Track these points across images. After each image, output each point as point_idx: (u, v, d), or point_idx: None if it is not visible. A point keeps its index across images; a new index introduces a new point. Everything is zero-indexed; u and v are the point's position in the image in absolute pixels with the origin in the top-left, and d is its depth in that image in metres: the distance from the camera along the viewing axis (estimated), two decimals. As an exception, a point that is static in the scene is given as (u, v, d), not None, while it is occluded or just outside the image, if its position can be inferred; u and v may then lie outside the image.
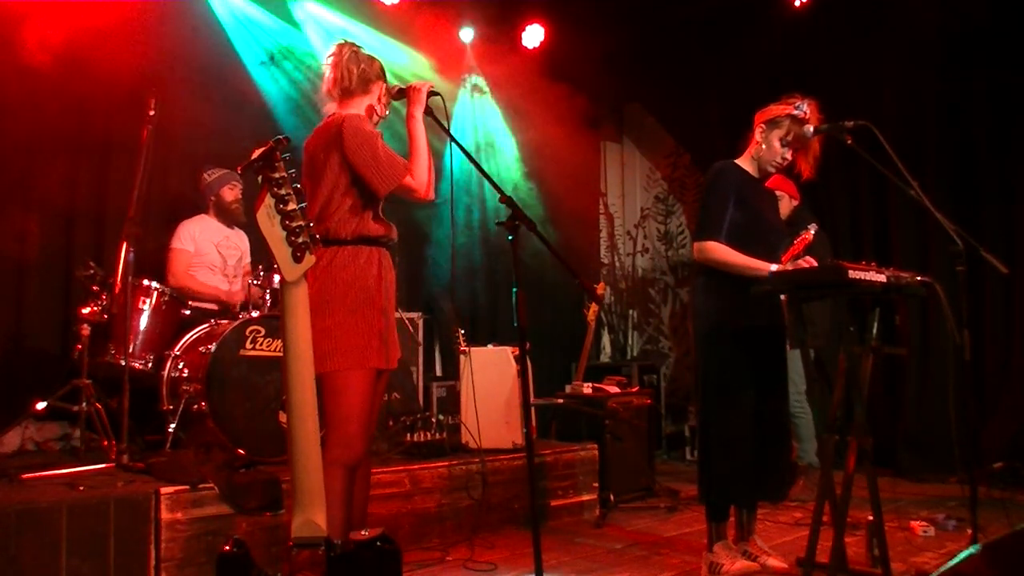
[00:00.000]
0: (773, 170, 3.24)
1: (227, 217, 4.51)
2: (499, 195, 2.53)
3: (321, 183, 2.62)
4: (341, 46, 2.78)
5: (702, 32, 6.53)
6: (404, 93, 2.74)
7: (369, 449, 2.68)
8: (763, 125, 3.20)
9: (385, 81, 2.81)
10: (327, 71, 2.77)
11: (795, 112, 3.12)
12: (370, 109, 2.75)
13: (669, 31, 6.63)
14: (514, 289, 2.53)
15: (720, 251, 3.09)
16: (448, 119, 2.72)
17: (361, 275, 2.59)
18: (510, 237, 2.53)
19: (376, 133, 2.64)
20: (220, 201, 4.48)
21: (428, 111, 2.72)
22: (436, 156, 2.80)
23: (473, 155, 2.88)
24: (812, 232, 3.50)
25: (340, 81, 2.73)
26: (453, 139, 2.66)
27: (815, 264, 2.93)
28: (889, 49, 5.59)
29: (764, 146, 3.20)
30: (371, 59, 2.78)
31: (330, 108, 2.80)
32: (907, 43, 5.49)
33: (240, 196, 4.52)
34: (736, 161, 3.27)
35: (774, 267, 2.99)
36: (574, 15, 6.22)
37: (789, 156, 3.19)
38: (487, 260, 6.51)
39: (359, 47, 2.79)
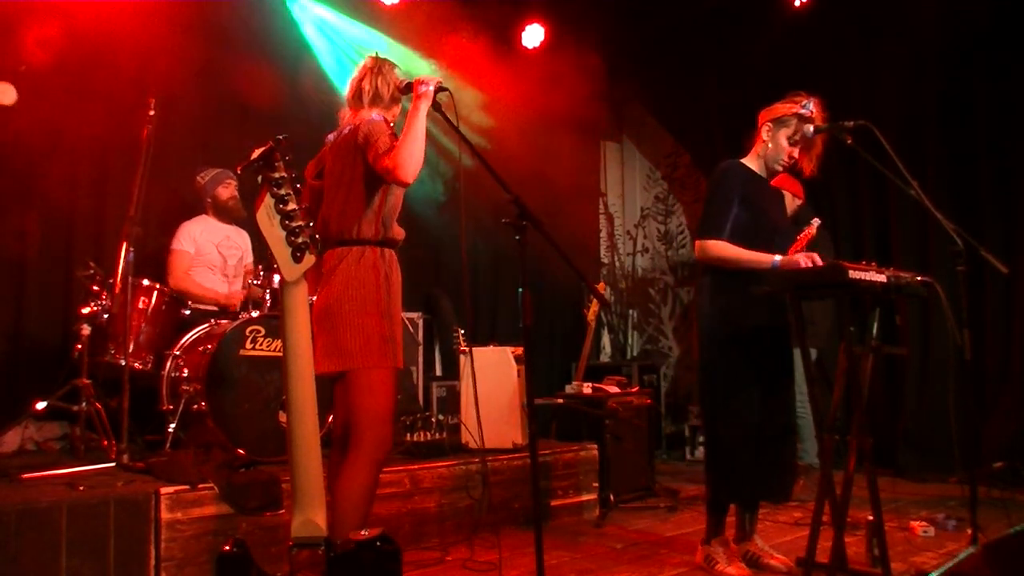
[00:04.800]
0: (780, 168, 3.23)
1: (226, 215, 4.52)
2: (507, 193, 2.52)
3: (342, 182, 2.67)
4: (378, 60, 2.81)
5: (702, 32, 6.52)
6: (411, 88, 2.73)
7: None
8: (769, 124, 3.19)
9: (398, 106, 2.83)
10: (360, 81, 2.78)
11: (802, 111, 3.12)
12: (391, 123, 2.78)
13: (669, 31, 6.63)
14: (520, 289, 2.51)
15: (721, 248, 3.09)
16: (457, 116, 2.69)
17: (389, 275, 2.64)
18: (517, 236, 2.51)
19: (385, 131, 2.65)
20: (217, 200, 4.49)
21: (437, 107, 2.69)
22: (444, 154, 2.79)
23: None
24: (815, 227, 3.51)
25: (370, 93, 2.75)
26: (462, 136, 2.64)
27: (816, 259, 2.93)
28: (889, 49, 5.59)
29: (771, 145, 3.19)
30: (399, 79, 2.80)
31: (347, 113, 2.82)
32: (907, 43, 5.49)
33: (236, 193, 4.53)
34: (742, 160, 3.27)
35: (777, 258, 2.99)
36: (574, 15, 6.22)
37: (796, 154, 3.18)
38: (488, 259, 6.51)
39: (395, 65, 2.81)
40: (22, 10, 4.26)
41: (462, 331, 4.40)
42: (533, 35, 6.45)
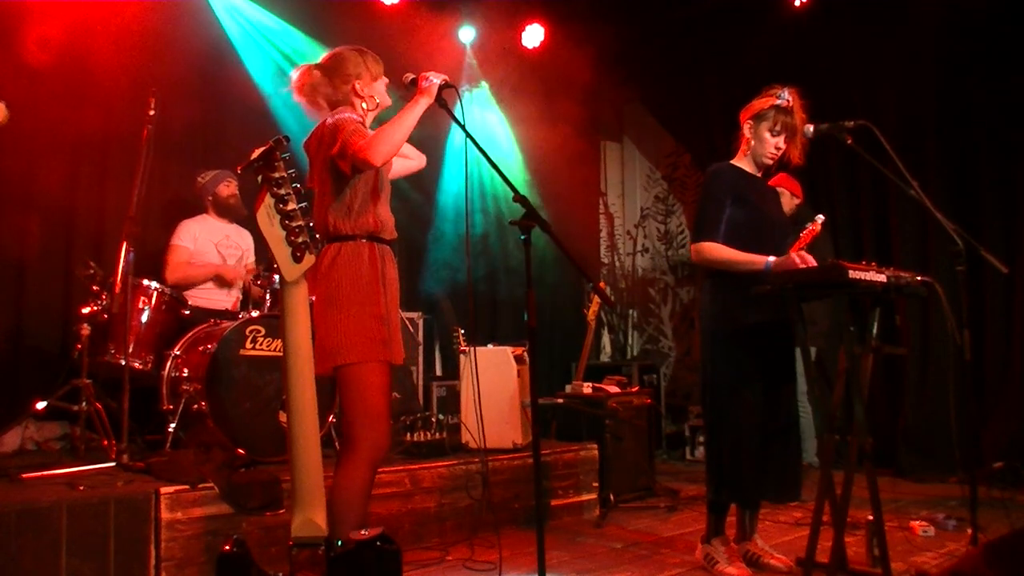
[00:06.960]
0: (769, 162, 3.24)
1: (226, 213, 4.53)
2: (513, 194, 2.49)
3: (315, 182, 2.65)
4: (303, 74, 2.73)
5: (702, 32, 6.53)
6: (416, 83, 2.68)
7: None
8: (750, 121, 3.22)
9: (361, 80, 2.72)
10: (300, 101, 2.74)
11: (778, 102, 3.14)
12: (361, 116, 2.73)
13: (669, 31, 6.63)
14: (526, 289, 2.49)
15: (716, 250, 3.10)
16: (463, 114, 2.64)
17: (365, 270, 2.58)
18: (522, 236, 2.49)
19: (353, 120, 2.60)
20: (217, 198, 4.49)
21: (443, 104, 2.65)
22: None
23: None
24: (820, 224, 3.51)
25: (328, 102, 2.72)
26: (468, 134, 2.61)
27: (808, 259, 2.93)
28: (889, 49, 5.59)
29: (755, 141, 3.22)
30: (342, 75, 2.70)
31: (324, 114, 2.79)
32: (907, 43, 5.49)
33: (236, 191, 4.53)
34: (732, 162, 3.28)
35: (771, 259, 2.99)
36: (574, 15, 6.22)
37: (782, 144, 3.19)
38: (488, 259, 6.51)
39: (320, 70, 2.71)
40: (22, 9, 4.26)
41: (462, 331, 4.40)
42: (533, 35, 6.45)
